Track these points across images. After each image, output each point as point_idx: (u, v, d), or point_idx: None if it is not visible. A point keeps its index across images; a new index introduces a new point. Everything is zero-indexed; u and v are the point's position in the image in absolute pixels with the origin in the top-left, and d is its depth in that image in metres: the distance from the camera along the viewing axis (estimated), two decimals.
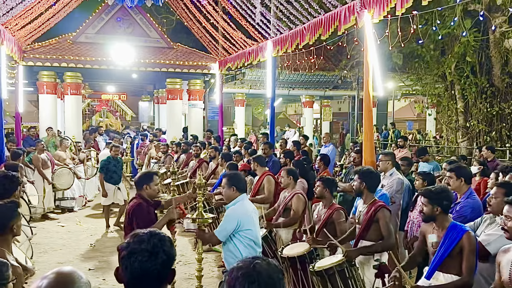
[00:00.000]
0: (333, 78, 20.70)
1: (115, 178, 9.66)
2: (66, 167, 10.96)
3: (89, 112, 28.75)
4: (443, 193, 3.81)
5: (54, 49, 14.61)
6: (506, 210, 3.02)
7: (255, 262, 1.73)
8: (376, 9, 6.63)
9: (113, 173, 9.64)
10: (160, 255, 1.88)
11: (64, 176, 10.75)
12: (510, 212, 2.97)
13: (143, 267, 1.85)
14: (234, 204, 4.33)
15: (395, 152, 10.38)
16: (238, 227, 4.19)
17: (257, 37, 11.29)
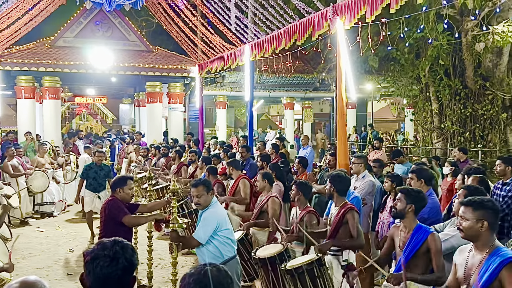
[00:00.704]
0: (313, 80, 20.93)
1: (94, 185, 9.13)
2: (39, 169, 10.90)
3: (69, 115, 28.48)
4: (421, 194, 3.99)
5: (32, 53, 14.53)
6: (461, 211, 3.19)
7: (205, 269, 1.87)
8: (347, 16, 6.83)
9: (92, 179, 9.12)
10: (121, 261, 1.99)
11: (38, 179, 10.69)
12: (464, 212, 3.14)
13: (104, 272, 1.97)
14: (209, 207, 4.53)
15: (371, 154, 10.62)
16: (217, 227, 4.41)
17: (235, 42, 11.42)
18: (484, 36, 11.20)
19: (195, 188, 4.55)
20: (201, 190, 4.52)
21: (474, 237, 3.09)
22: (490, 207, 3.06)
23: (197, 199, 4.56)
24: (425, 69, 12.93)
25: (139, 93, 20.31)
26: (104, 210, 5.11)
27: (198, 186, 4.57)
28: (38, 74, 14.71)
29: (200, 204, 4.56)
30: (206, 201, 4.53)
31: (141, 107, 20.45)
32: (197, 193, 4.53)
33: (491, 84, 12.62)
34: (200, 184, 4.58)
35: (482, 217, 3.04)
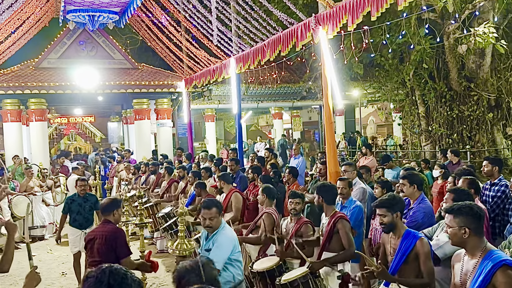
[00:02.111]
0: (300, 89, 21.04)
1: (79, 221, 7.54)
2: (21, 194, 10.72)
3: (57, 136, 28.28)
4: (396, 199, 3.99)
5: (16, 76, 14.43)
6: (446, 219, 3.20)
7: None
8: (329, 26, 6.88)
9: (77, 214, 7.54)
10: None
11: (21, 204, 10.52)
12: (449, 221, 3.15)
13: None
14: (220, 230, 4.31)
15: (361, 160, 10.65)
16: (232, 251, 4.21)
17: (220, 55, 11.45)
18: (466, 38, 11.35)
19: (208, 210, 4.26)
20: (215, 212, 4.27)
21: (461, 244, 3.11)
22: (469, 213, 3.06)
23: (209, 222, 4.26)
24: (410, 73, 13.06)
25: (127, 111, 20.21)
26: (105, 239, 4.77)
27: (211, 208, 4.28)
28: (24, 96, 14.60)
29: (211, 227, 4.29)
30: (217, 223, 4.30)
31: (129, 124, 20.35)
32: (210, 216, 4.25)
33: (476, 85, 12.77)
34: (213, 206, 4.29)
35: (463, 224, 3.05)
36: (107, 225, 4.91)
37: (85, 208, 7.61)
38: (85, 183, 7.78)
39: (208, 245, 4.30)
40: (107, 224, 4.92)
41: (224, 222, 4.38)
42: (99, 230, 4.91)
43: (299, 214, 5.26)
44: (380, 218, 3.97)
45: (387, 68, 13.54)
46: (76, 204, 7.60)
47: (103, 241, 4.77)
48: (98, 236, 4.84)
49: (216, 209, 4.27)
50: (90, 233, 5.14)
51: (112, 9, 13.56)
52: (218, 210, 4.29)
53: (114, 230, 4.86)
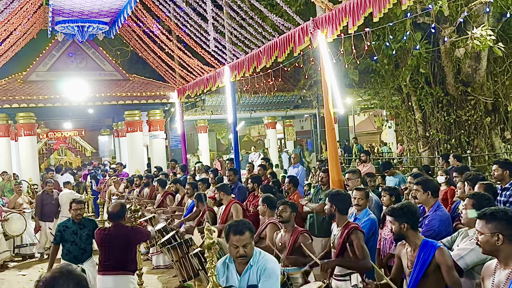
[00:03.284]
0: (293, 98, 20.87)
1: (74, 253, 6.12)
2: (16, 212, 10.37)
3: (46, 151, 27.86)
4: (406, 208, 3.75)
5: (4, 90, 14.07)
6: (477, 225, 2.97)
7: None
8: (328, 29, 6.68)
9: (71, 245, 6.13)
10: None
11: (14, 222, 10.16)
12: (480, 227, 2.91)
13: None
14: (261, 254, 3.55)
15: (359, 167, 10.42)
16: None
17: (214, 63, 11.22)
18: (463, 41, 11.23)
19: (241, 235, 3.42)
20: (249, 237, 3.45)
21: (493, 252, 2.86)
22: (503, 218, 2.83)
23: (244, 251, 3.41)
24: (406, 79, 12.92)
25: (118, 123, 19.87)
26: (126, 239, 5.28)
27: (244, 232, 3.43)
28: (12, 111, 14.23)
29: (246, 256, 3.43)
30: (252, 251, 3.48)
31: (120, 137, 20.00)
32: (244, 242, 3.42)
33: (472, 89, 12.64)
34: (246, 230, 3.46)
35: (496, 230, 2.81)
36: (119, 228, 5.33)
37: (82, 236, 6.15)
38: (82, 206, 6.37)
39: (248, 279, 3.45)
40: (120, 227, 5.35)
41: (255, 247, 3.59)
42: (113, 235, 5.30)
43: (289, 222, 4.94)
44: (390, 225, 3.78)
45: (383, 74, 13.39)
46: (70, 232, 6.15)
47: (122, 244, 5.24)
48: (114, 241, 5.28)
49: (249, 233, 3.48)
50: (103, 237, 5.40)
51: (102, 20, 13.30)
52: (252, 234, 3.51)
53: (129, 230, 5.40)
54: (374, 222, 5.08)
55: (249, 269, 3.45)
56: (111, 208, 5.59)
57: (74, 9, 12.11)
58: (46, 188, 10.40)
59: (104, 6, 12.08)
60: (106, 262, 5.31)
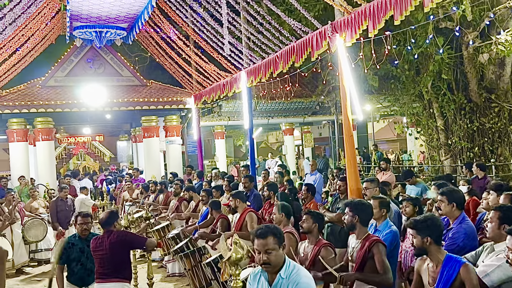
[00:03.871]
0: (311, 104, 20.63)
1: (80, 274, 5.48)
2: (38, 217, 10.39)
3: (66, 156, 28.12)
4: (430, 221, 3.53)
5: (22, 95, 14.19)
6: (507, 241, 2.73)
7: None
8: (347, 33, 6.49)
9: (76, 264, 5.47)
10: None
11: (36, 227, 10.16)
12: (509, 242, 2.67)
13: None
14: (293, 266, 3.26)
15: (378, 176, 10.15)
16: None
17: (230, 69, 11.10)
18: (487, 47, 10.89)
19: (263, 239, 3.18)
20: (272, 242, 3.18)
21: None
22: None
23: (266, 257, 3.15)
24: (427, 85, 12.58)
25: (136, 129, 19.95)
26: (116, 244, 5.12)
27: (266, 236, 3.18)
28: (30, 116, 14.34)
29: (269, 264, 3.16)
30: (277, 258, 3.18)
31: (138, 142, 20.06)
32: (266, 247, 3.16)
33: (496, 96, 12.25)
34: (269, 234, 3.20)
35: None
36: (110, 234, 5.18)
37: (89, 255, 5.45)
38: (88, 220, 5.65)
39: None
40: (110, 233, 5.19)
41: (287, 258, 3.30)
42: (106, 242, 5.14)
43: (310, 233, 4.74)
44: (411, 238, 3.58)
45: (403, 80, 13.07)
46: (76, 250, 5.50)
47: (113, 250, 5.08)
48: (106, 248, 5.12)
49: (273, 238, 3.19)
50: (96, 245, 5.23)
51: (120, 25, 13.32)
52: (277, 240, 3.21)
53: (120, 234, 5.23)
54: (395, 234, 4.83)
55: (280, 281, 3.17)
56: (102, 215, 5.56)
57: (91, 14, 12.14)
58: (61, 194, 10.30)
59: (121, 12, 12.08)
60: (100, 270, 5.21)
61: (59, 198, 10.25)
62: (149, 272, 5.87)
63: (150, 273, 5.91)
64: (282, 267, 3.20)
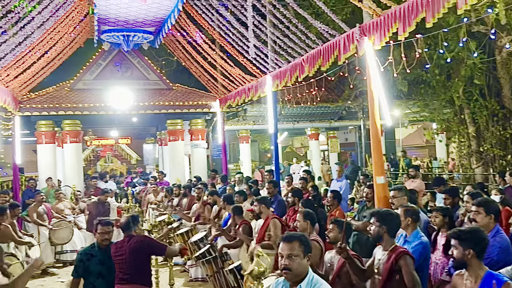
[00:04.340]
0: (337, 109, 20.35)
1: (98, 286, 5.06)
2: (65, 220, 10.48)
3: (94, 158, 28.56)
4: (475, 233, 3.34)
5: (51, 98, 14.43)
6: None
7: None
8: (376, 36, 6.29)
9: (97, 277, 5.03)
10: None
11: (62, 230, 10.26)
12: None
13: None
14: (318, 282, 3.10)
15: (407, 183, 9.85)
16: None
17: (256, 73, 11.01)
18: None
19: (288, 243, 3.09)
20: (296, 248, 3.06)
21: None
22: None
23: (288, 262, 3.03)
24: (459, 90, 12.22)
25: (161, 132, 20.07)
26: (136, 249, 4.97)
27: (292, 241, 3.09)
28: (58, 118, 14.57)
29: (290, 269, 3.02)
30: (300, 267, 3.05)
31: (163, 146, 20.17)
32: (290, 252, 3.05)
33: None
34: (295, 239, 3.10)
35: None
36: (130, 239, 5.05)
37: (110, 267, 5.06)
38: (110, 228, 5.23)
39: None
40: (130, 238, 5.07)
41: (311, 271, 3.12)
42: (126, 246, 5.01)
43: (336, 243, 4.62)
44: (451, 250, 3.38)
45: (434, 85, 12.74)
46: (95, 261, 5.05)
47: (133, 254, 4.94)
48: (126, 252, 4.99)
49: (299, 244, 3.07)
50: (116, 250, 5.11)
51: (147, 29, 13.41)
52: (303, 248, 3.07)
53: (141, 240, 5.07)
54: (426, 246, 4.60)
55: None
56: (122, 219, 5.48)
57: (119, 18, 12.25)
58: (101, 198, 10.21)
59: (148, 16, 12.15)
60: (119, 275, 5.08)
61: (100, 201, 10.22)
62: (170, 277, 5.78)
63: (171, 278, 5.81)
64: (304, 279, 3.04)
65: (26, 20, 8.41)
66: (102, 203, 10.12)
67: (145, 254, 5.18)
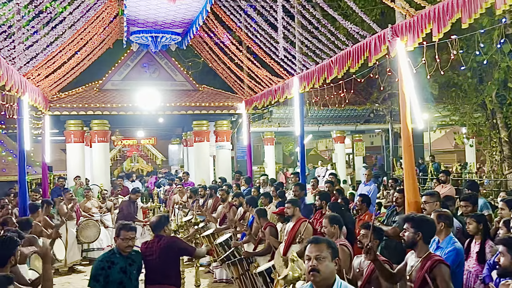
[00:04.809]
0: (363, 112, 20.07)
1: None
2: (92, 219, 10.61)
3: (120, 158, 28.91)
4: None
5: (80, 98, 14.66)
6: None
7: None
8: (409, 36, 6.14)
9: (117, 287, 4.62)
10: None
11: (89, 229, 10.39)
12: None
13: None
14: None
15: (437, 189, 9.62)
16: None
17: (283, 74, 10.92)
18: None
19: (316, 244, 3.05)
20: (325, 250, 3.01)
21: None
22: None
23: (316, 263, 2.95)
24: (491, 94, 11.87)
25: (187, 133, 20.19)
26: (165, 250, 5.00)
27: (320, 242, 3.06)
28: (87, 118, 14.80)
29: (318, 271, 2.94)
30: (328, 269, 2.97)
31: (189, 146, 20.28)
32: (318, 253, 2.99)
33: None
34: (323, 241, 3.08)
35: None
36: (160, 239, 5.10)
37: (132, 275, 4.75)
38: (134, 234, 4.81)
39: None
40: (160, 239, 5.11)
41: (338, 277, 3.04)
42: (155, 247, 5.07)
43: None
44: (498, 255, 3.31)
45: (465, 88, 12.40)
46: (117, 269, 4.63)
47: (162, 255, 4.97)
48: (154, 252, 5.03)
49: (327, 246, 3.02)
50: (146, 250, 5.15)
51: (175, 30, 13.49)
52: (331, 250, 3.01)
53: (170, 240, 5.12)
54: (459, 252, 4.45)
55: None
56: (153, 218, 5.54)
57: (148, 20, 12.35)
58: (132, 197, 10.25)
59: (177, 17, 12.21)
60: (148, 275, 5.12)
61: (130, 201, 10.26)
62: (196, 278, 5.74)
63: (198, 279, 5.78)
64: (332, 286, 2.97)
65: (57, 21, 8.54)
66: (133, 202, 10.17)
67: (174, 254, 5.19)
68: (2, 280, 3.00)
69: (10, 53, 7.86)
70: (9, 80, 7.78)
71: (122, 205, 10.44)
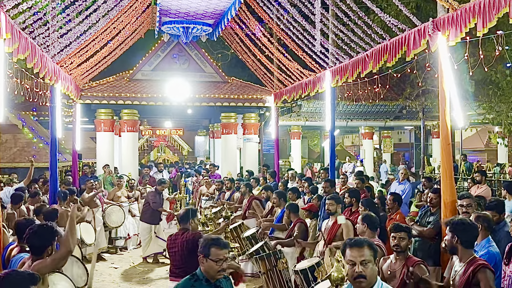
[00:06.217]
0: (394, 108, 19.68)
1: None
2: (116, 204, 10.71)
3: (147, 148, 29.20)
4: None
5: (111, 87, 14.79)
6: None
7: None
8: (452, 31, 5.89)
9: None
10: None
11: (115, 214, 10.49)
12: None
13: None
14: None
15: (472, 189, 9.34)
16: None
17: (315, 67, 10.72)
18: None
19: (359, 247, 2.93)
20: (368, 253, 2.91)
21: None
22: None
23: (362, 269, 2.85)
24: None
25: (214, 125, 20.20)
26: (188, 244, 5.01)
27: (362, 246, 2.94)
28: (117, 107, 14.92)
29: (365, 277, 2.85)
30: (373, 273, 2.89)
31: (215, 138, 20.31)
32: (362, 258, 2.88)
33: None
34: (365, 243, 2.96)
35: None
36: (185, 233, 5.15)
37: None
38: (227, 253, 3.68)
39: None
40: (186, 232, 5.17)
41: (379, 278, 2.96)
42: (179, 240, 5.13)
43: (404, 252, 4.37)
44: None
45: (503, 87, 11.98)
46: None
47: (185, 249, 5.00)
48: (178, 245, 5.09)
49: (369, 249, 2.92)
50: (171, 242, 5.25)
51: (206, 21, 13.43)
52: (373, 252, 2.92)
53: (193, 235, 5.10)
54: (493, 256, 4.28)
55: None
56: (180, 211, 5.64)
57: (180, 10, 12.32)
58: (159, 188, 10.27)
59: (209, 8, 12.14)
60: (172, 268, 5.24)
61: (157, 191, 10.29)
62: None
63: None
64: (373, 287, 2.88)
65: (92, 9, 8.56)
66: (159, 193, 10.18)
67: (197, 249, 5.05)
68: (25, 280, 2.89)
69: (44, 41, 7.92)
70: (43, 68, 7.85)
71: (149, 195, 10.50)
